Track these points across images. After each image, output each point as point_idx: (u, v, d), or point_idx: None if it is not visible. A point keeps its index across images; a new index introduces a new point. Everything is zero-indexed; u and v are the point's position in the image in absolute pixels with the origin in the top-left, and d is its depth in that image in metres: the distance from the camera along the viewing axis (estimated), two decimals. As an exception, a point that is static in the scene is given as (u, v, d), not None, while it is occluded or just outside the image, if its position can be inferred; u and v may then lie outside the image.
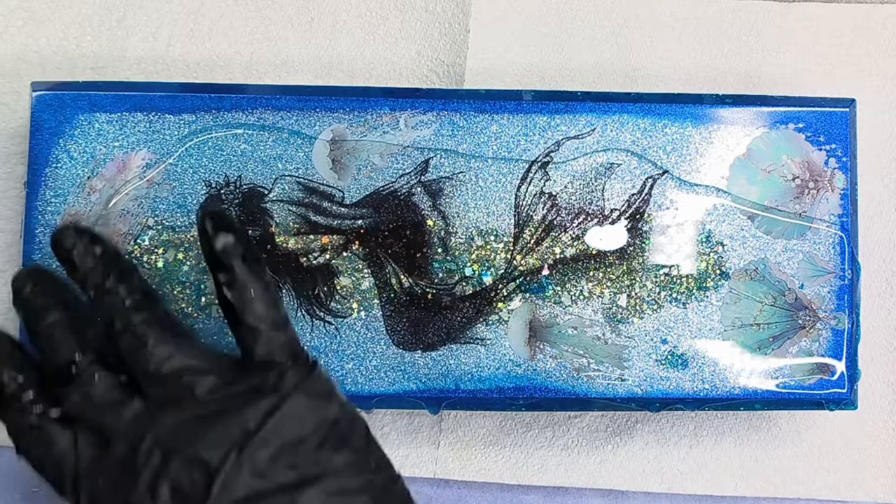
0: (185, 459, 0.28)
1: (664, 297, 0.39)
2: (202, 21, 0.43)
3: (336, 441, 0.30)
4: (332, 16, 0.44)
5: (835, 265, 0.39)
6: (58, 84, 0.38)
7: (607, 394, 0.38)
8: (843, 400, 0.39)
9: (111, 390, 0.30)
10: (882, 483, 0.43)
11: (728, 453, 0.43)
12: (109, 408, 0.30)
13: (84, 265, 0.31)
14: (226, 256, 0.30)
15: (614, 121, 0.39)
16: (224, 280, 0.30)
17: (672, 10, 0.44)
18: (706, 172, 0.39)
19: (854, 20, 0.45)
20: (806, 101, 0.40)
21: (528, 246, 0.39)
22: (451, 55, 0.44)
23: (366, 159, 0.38)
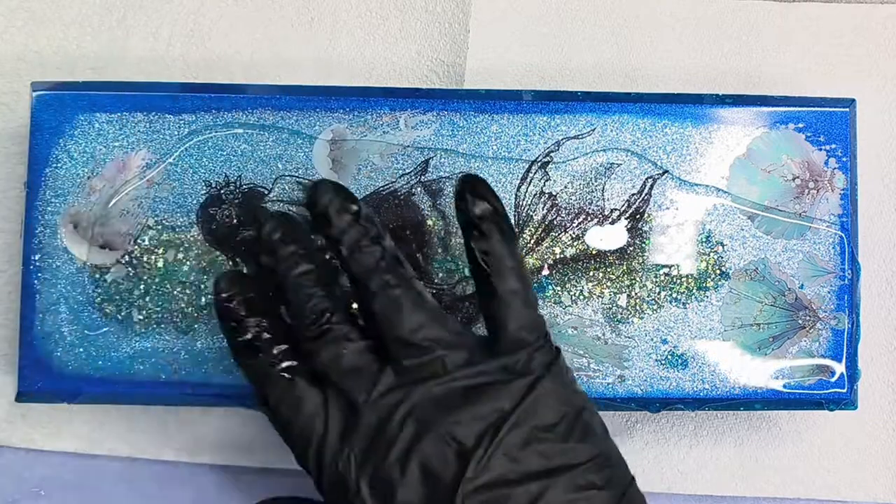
0: (439, 437, 0.28)
1: (664, 297, 0.39)
2: (202, 21, 0.43)
3: (582, 432, 0.29)
4: (332, 16, 0.44)
5: (835, 265, 0.39)
6: (58, 84, 0.38)
7: (607, 394, 0.38)
8: (843, 400, 0.39)
9: (363, 354, 0.29)
10: (882, 483, 0.43)
11: (728, 453, 0.43)
12: (361, 374, 0.29)
13: (341, 221, 0.30)
14: (485, 224, 0.30)
15: (614, 121, 0.39)
16: (482, 248, 0.30)
17: (672, 10, 0.44)
18: (706, 172, 0.39)
19: (854, 20, 0.45)
20: (806, 101, 0.40)
21: (528, 246, 0.39)
22: (451, 55, 0.44)
23: (366, 159, 0.38)
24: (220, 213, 0.38)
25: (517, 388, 0.29)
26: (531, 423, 0.28)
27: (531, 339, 0.30)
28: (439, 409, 0.28)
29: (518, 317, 0.30)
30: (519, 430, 0.28)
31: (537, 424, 0.28)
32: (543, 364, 0.30)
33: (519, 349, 0.29)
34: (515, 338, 0.30)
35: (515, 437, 0.28)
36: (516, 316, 0.30)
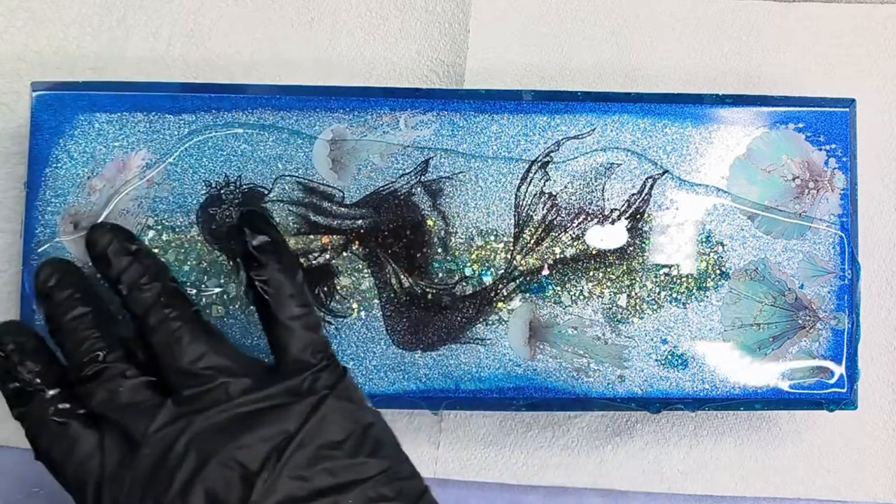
0: (222, 463, 0.27)
1: (664, 297, 0.39)
2: (202, 21, 0.43)
3: (371, 447, 0.29)
4: (332, 16, 0.44)
5: (835, 265, 0.39)
6: (58, 84, 0.38)
7: (607, 394, 0.38)
8: (843, 400, 0.39)
9: (140, 389, 0.29)
10: (882, 483, 0.43)
11: (728, 453, 0.43)
12: (139, 407, 0.29)
13: (119, 262, 0.30)
14: (264, 255, 0.30)
15: (614, 121, 0.39)
16: (260, 277, 0.30)
17: (672, 10, 0.44)
18: (706, 172, 0.39)
19: (854, 20, 0.45)
20: (806, 101, 0.40)
21: (528, 246, 0.39)
22: (451, 55, 0.44)
23: (366, 159, 0.38)
24: (220, 213, 0.38)
25: (301, 408, 0.29)
26: (317, 441, 0.28)
27: (314, 360, 0.30)
28: (222, 435, 0.28)
29: (299, 340, 0.30)
30: (305, 450, 0.28)
31: (324, 443, 0.28)
32: (328, 384, 0.30)
33: (302, 371, 0.30)
34: (298, 360, 0.30)
35: (301, 456, 0.28)
36: (297, 339, 0.30)
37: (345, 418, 0.29)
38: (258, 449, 0.28)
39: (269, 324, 0.31)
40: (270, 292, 0.30)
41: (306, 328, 0.30)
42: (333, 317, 0.38)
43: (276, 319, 0.30)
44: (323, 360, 0.30)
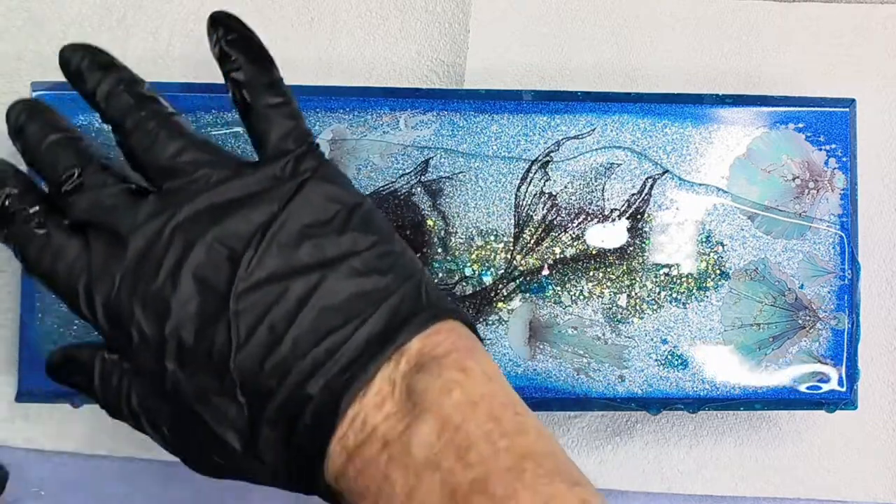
0: (208, 246, 0.27)
1: (664, 297, 0.39)
2: (202, 21, 0.43)
3: (360, 224, 0.29)
4: (332, 16, 0.44)
5: (835, 265, 0.39)
6: (58, 84, 0.38)
7: (607, 394, 0.38)
8: (843, 400, 0.39)
9: (122, 193, 0.29)
10: (882, 483, 0.43)
11: (728, 453, 0.43)
12: (122, 206, 0.28)
13: (93, 76, 0.30)
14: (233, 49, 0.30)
15: (614, 121, 0.39)
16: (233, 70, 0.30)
17: (672, 10, 0.44)
18: (706, 172, 0.39)
19: (854, 20, 0.45)
20: (806, 101, 0.40)
21: (528, 246, 0.39)
22: (451, 55, 0.44)
23: (366, 159, 0.38)
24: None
25: (284, 190, 0.28)
26: (302, 220, 0.28)
27: (294, 147, 0.29)
28: (206, 220, 0.28)
29: (278, 128, 0.29)
30: (289, 228, 0.28)
31: (309, 221, 0.28)
32: (311, 168, 0.29)
33: (283, 156, 0.29)
34: (278, 147, 0.29)
35: (286, 234, 0.28)
36: (277, 127, 0.29)
37: (330, 199, 0.29)
38: (242, 230, 0.28)
39: (247, 117, 0.30)
40: (245, 82, 0.30)
41: (285, 117, 0.30)
42: (333, 317, 0.38)
43: (252, 109, 0.30)
44: (304, 146, 0.30)
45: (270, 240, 0.28)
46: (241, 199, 0.28)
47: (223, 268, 0.27)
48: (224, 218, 0.28)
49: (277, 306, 0.27)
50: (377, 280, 0.28)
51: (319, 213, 0.29)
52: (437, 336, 0.28)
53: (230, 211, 0.28)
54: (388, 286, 0.28)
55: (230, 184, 0.29)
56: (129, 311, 0.28)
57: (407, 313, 0.28)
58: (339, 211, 0.29)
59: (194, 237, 0.28)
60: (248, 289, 0.27)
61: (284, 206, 0.28)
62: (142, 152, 0.29)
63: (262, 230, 0.28)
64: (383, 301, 0.28)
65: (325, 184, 0.29)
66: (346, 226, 0.29)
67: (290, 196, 0.28)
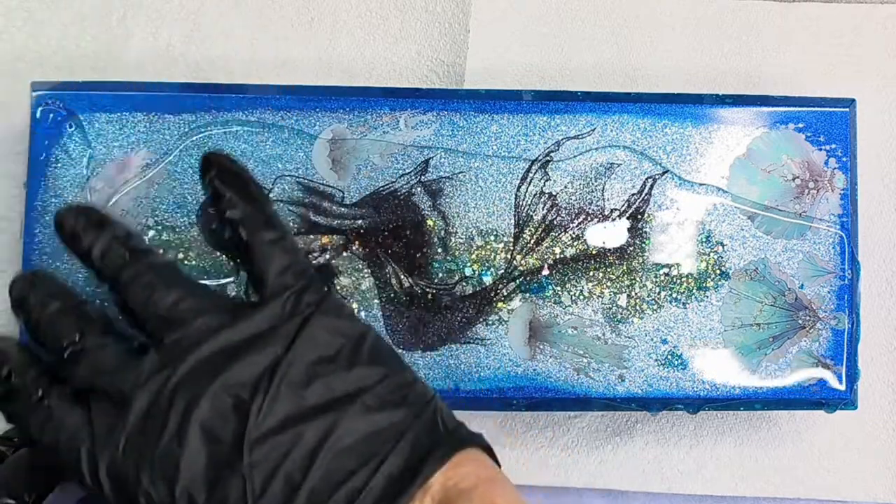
0: (214, 396, 0.27)
1: (664, 297, 0.39)
2: (202, 21, 0.43)
3: (368, 357, 0.28)
4: (332, 16, 0.44)
5: (835, 265, 0.39)
6: (58, 84, 0.38)
7: (607, 394, 0.38)
8: (843, 400, 0.39)
9: (122, 354, 0.28)
10: (882, 483, 0.43)
11: (728, 453, 0.43)
12: (123, 367, 0.28)
13: (87, 235, 0.30)
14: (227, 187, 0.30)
15: (614, 121, 0.39)
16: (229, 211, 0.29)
17: (672, 10, 0.44)
18: (706, 172, 0.39)
19: (854, 20, 0.45)
20: (806, 101, 0.40)
21: (528, 246, 0.39)
22: (451, 55, 0.44)
23: (366, 159, 0.38)
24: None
25: (287, 329, 0.28)
26: (308, 358, 0.27)
27: (294, 282, 0.29)
28: (210, 371, 0.27)
29: (277, 264, 0.29)
30: (296, 369, 0.27)
31: (315, 359, 0.27)
32: (312, 302, 0.29)
33: (283, 293, 0.29)
34: (278, 284, 0.29)
35: (294, 376, 0.27)
36: (275, 264, 0.29)
37: (334, 333, 0.28)
38: (248, 376, 0.27)
39: (244, 255, 0.30)
40: (240, 220, 0.29)
41: (283, 251, 0.29)
42: (333, 317, 0.38)
43: (249, 247, 0.29)
44: (303, 281, 0.29)
45: (278, 384, 0.27)
46: (244, 342, 0.28)
47: (231, 418, 0.27)
48: (227, 366, 0.27)
49: (292, 454, 0.26)
50: (391, 415, 0.27)
51: (325, 349, 0.28)
52: (460, 468, 0.27)
53: (233, 357, 0.27)
54: (404, 420, 0.28)
55: (232, 329, 0.28)
56: (136, 475, 0.27)
57: (426, 447, 0.27)
58: (344, 345, 0.28)
59: (198, 390, 0.27)
60: (260, 437, 0.26)
61: (289, 347, 0.27)
62: (139, 306, 0.29)
63: (268, 374, 0.27)
64: (400, 438, 0.27)
65: (329, 318, 0.29)
66: (353, 360, 0.28)
67: (294, 335, 0.28)
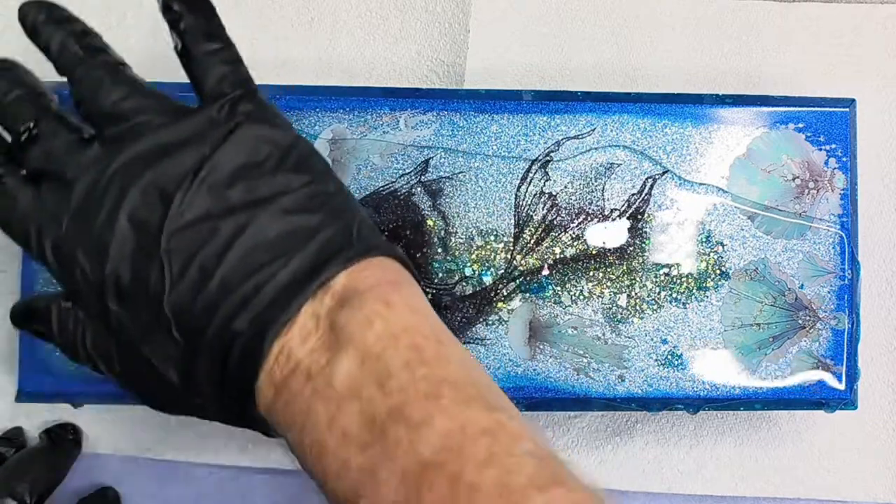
0: (142, 188, 0.28)
1: (664, 297, 0.39)
2: (202, 21, 0.43)
3: (294, 165, 0.30)
4: (332, 16, 0.44)
5: (835, 265, 0.39)
6: (58, 84, 0.38)
7: (607, 394, 0.38)
8: (843, 400, 0.39)
9: (72, 142, 0.30)
10: (882, 483, 0.43)
11: (728, 453, 0.43)
12: (71, 153, 0.30)
13: (47, 29, 0.31)
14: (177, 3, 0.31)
15: (614, 121, 0.39)
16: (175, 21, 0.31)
17: (672, 10, 0.44)
18: (706, 172, 0.39)
19: (854, 20, 0.45)
20: (806, 101, 0.40)
21: (528, 246, 0.39)
22: (451, 55, 0.44)
23: (366, 159, 0.38)
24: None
25: (218, 133, 0.29)
26: (234, 162, 0.29)
27: (230, 90, 0.30)
28: (143, 164, 0.29)
29: (216, 72, 0.30)
30: (221, 169, 0.28)
31: (241, 163, 0.29)
32: (246, 111, 0.30)
33: (219, 99, 0.30)
34: (215, 91, 0.30)
35: (217, 176, 0.28)
36: (213, 72, 0.30)
37: (263, 140, 0.30)
38: (175, 172, 0.28)
39: (188, 65, 0.31)
40: (184, 31, 0.31)
41: (222, 62, 0.31)
42: (333, 317, 0.38)
43: (191, 56, 0.30)
44: (240, 90, 0.30)
45: (201, 181, 0.28)
46: (177, 142, 0.29)
47: (156, 209, 0.28)
48: (159, 161, 0.29)
49: (208, 245, 0.28)
50: (307, 218, 0.29)
51: (252, 154, 0.29)
52: (363, 272, 0.28)
53: (165, 154, 0.29)
54: (318, 224, 0.29)
55: (168, 129, 0.29)
56: (73, 253, 0.29)
57: (334, 250, 0.28)
58: (272, 152, 0.29)
59: (130, 180, 0.28)
60: (178, 229, 0.28)
61: (216, 149, 0.29)
62: (87, 99, 0.30)
63: (192, 172, 0.28)
64: (311, 239, 0.28)
65: (260, 126, 0.30)
66: (278, 167, 0.29)
67: (223, 138, 0.29)
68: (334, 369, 0.26)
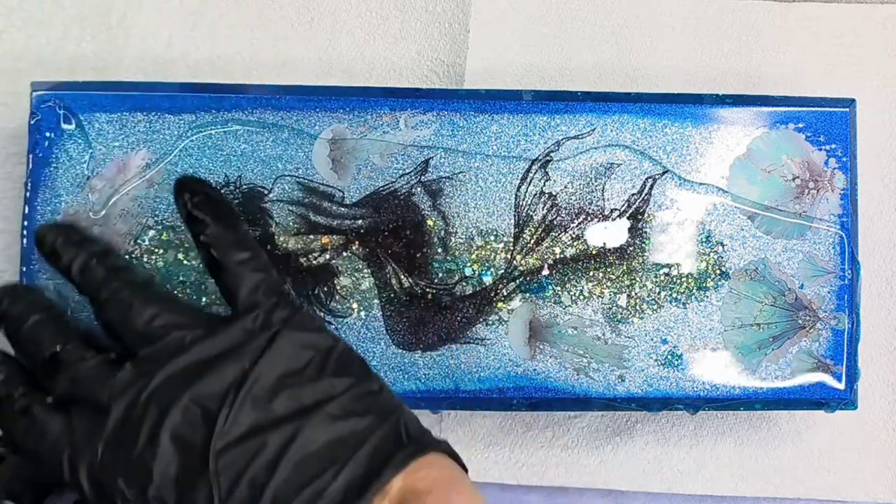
0: (184, 408, 0.28)
1: (664, 297, 0.39)
2: (202, 21, 0.43)
3: (335, 368, 0.29)
4: (332, 16, 0.44)
5: (835, 265, 0.39)
6: (58, 84, 0.38)
7: (607, 394, 0.38)
8: (843, 400, 0.39)
9: (100, 365, 0.29)
10: (882, 483, 0.43)
11: (728, 453, 0.43)
12: (101, 377, 0.29)
13: (67, 252, 0.31)
14: (200, 211, 0.30)
15: (614, 121, 0.39)
16: (202, 232, 0.30)
17: (672, 10, 0.44)
18: (706, 172, 0.39)
19: (854, 20, 0.45)
20: (806, 101, 0.40)
21: (528, 246, 0.39)
22: (451, 55, 0.44)
23: (366, 159, 0.38)
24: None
25: (256, 345, 0.29)
26: (276, 372, 0.29)
27: (265, 299, 0.30)
28: (181, 383, 0.28)
29: (248, 282, 0.30)
30: (263, 382, 0.28)
31: (283, 372, 0.29)
32: (282, 318, 0.30)
33: (254, 309, 0.30)
34: (249, 301, 0.30)
35: (260, 388, 0.28)
36: (246, 282, 0.30)
37: (303, 346, 0.29)
38: (216, 388, 0.28)
39: (217, 276, 0.31)
40: (212, 242, 0.30)
41: (254, 270, 0.30)
42: (333, 317, 0.38)
43: (222, 268, 0.30)
44: (274, 298, 0.30)
45: (245, 396, 0.28)
46: (215, 357, 0.29)
47: (200, 428, 0.28)
48: (198, 378, 0.28)
49: (256, 461, 0.27)
50: (355, 423, 0.28)
51: (293, 362, 0.29)
52: (418, 472, 0.28)
53: (204, 371, 0.29)
54: (367, 428, 0.28)
55: (204, 343, 0.29)
56: (112, 479, 0.28)
57: (387, 454, 0.28)
58: (312, 357, 0.29)
59: (171, 400, 0.28)
60: (225, 446, 0.27)
61: (257, 360, 0.29)
62: (117, 322, 0.30)
63: (235, 387, 0.28)
64: (363, 444, 0.28)
65: (298, 332, 0.30)
66: (321, 372, 0.29)
67: (263, 349, 0.29)
68: None
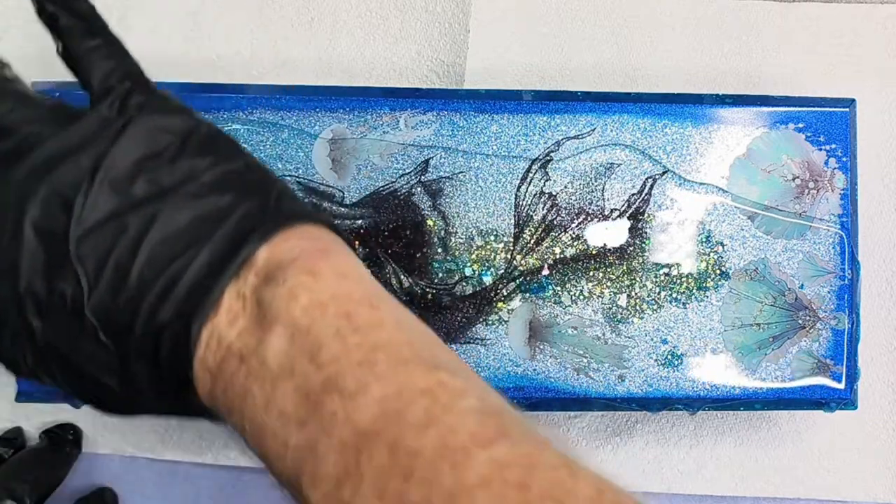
0: (42, 199, 0.28)
1: (664, 297, 0.39)
2: (202, 21, 0.43)
3: (196, 148, 0.29)
4: (332, 16, 0.44)
5: (835, 265, 0.39)
6: (58, 84, 0.38)
7: (607, 394, 0.38)
8: (843, 400, 0.39)
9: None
10: (882, 483, 0.43)
11: (728, 453, 0.43)
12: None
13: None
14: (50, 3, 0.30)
15: (614, 121, 0.39)
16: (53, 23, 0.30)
17: (672, 10, 0.44)
18: (706, 172, 0.39)
19: (854, 20, 0.45)
20: (806, 101, 0.40)
21: (528, 246, 0.39)
22: (451, 55, 0.44)
23: (366, 159, 0.38)
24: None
25: (111, 131, 0.28)
26: (133, 156, 0.28)
27: (118, 85, 0.29)
28: (39, 175, 0.28)
29: (100, 69, 0.30)
30: (120, 166, 0.28)
31: (141, 156, 0.28)
32: (139, 103, 0.29)
33: (108, 96, 0.29)
34: (102, 88, 0.29)
35: (118, 173, 0.28)
36: (98, 68, 0.30)
37: (160, 130, 0.29)
38: (73, 177, 0.28)
39: (73, 67, 0.30)
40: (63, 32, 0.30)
41: (105, 57, 0.30)
42: (333, 317, 0.38)
43: (74, 57, 0.30)
44: (128, 83, 0.30)
45: (101, 182, 0.28)
46: (71, 147, 0.28)
47: (60, 217, 0.27)
48: (55, 169, 0.28)
49: (119, 244, 0.27)
50: (217, 199, 0.28)
51: (150, 146, 0.28)
52: (285, 243, 0.27)
53: (60, 160, 0.28)
54: (230, 204, 0.28)
55: (60, 135, 0.29)
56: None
57: (251, 226, 0.27)
58: (171, 140, 0.29)
59: (29, 193, 0.28)
60: (85, 232, 0.27)
61: (112, 146, 0.28)
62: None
63: (90, 174, 0.28)
64: (225, 219, 0.27)
65: (154, 116, 0.29)
66: (180, 154, 0.28)
67: (117, 135, 0.28)
68: (265, 349, 0.25)
